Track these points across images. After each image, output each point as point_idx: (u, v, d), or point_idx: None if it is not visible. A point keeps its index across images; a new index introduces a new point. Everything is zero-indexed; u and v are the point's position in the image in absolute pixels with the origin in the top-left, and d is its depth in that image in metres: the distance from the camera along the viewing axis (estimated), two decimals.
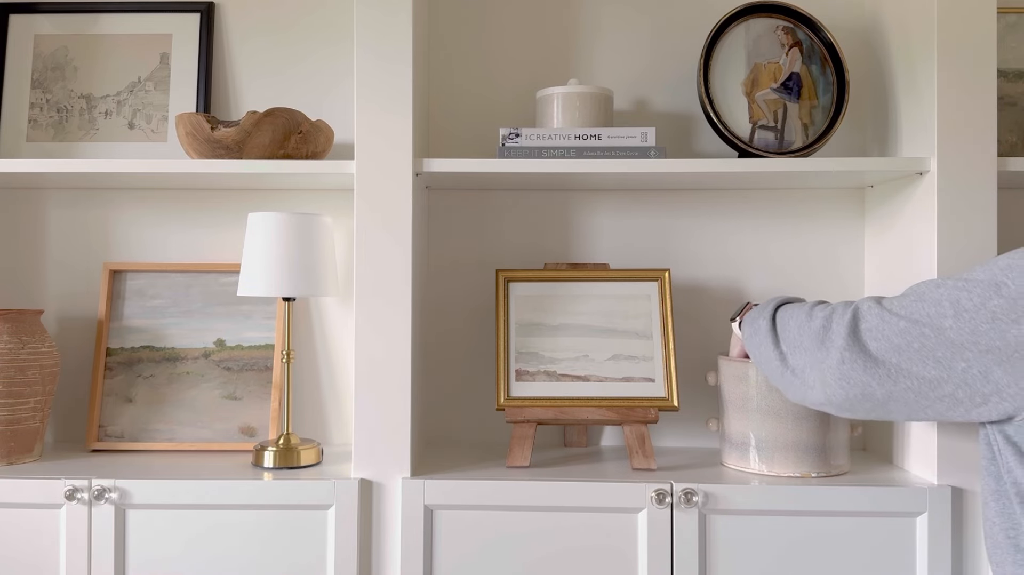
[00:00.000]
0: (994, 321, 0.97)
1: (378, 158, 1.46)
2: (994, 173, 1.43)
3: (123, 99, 1.76)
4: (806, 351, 1.15)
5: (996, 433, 1.04)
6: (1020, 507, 1.01)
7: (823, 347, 1.12)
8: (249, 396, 1.69)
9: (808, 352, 1.15)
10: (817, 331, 1.14)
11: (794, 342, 1.19)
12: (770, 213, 1.75)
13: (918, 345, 1.02)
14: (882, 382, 1.06)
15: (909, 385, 1.05)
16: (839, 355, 1.09)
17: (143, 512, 1.42)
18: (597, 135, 1.52)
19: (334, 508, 1.42)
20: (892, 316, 1.06)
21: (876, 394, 1.08)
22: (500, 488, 1.41)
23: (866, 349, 1.07)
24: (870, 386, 1.07)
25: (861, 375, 1.08)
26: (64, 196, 1.78)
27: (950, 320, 1.00)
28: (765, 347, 1.26)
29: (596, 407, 1.53)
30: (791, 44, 1.60)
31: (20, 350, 1.53)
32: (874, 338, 1.07)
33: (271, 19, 1.78)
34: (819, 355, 1.13)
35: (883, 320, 1.06)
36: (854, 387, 1.09)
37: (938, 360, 1.02)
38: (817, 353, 1.13)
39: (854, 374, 1.08)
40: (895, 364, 1.05)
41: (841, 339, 1.09)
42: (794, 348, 1.19)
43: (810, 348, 1.15)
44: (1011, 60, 1.64)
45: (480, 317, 1.76)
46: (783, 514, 1.39)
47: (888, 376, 1.06)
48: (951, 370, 1.01)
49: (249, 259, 1.54)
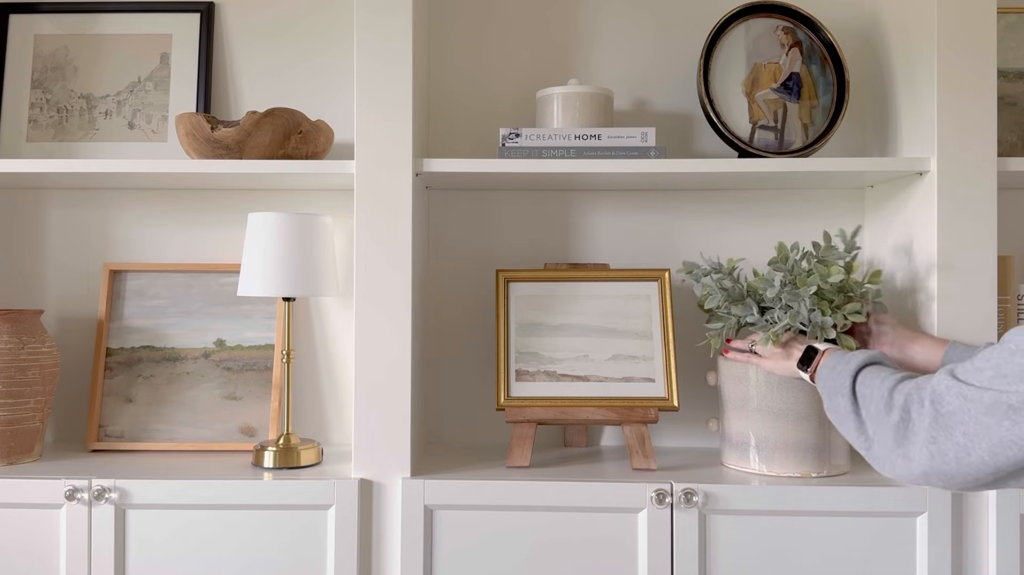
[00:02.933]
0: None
1: (378, 158, 1.46)
2: (994, 173, 1.43)
3: (123, 99, 1.76)
4: (890, 448, 1.07)
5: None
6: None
7: (907, 442, 1.04)
8: (249, 396, 1.69)
9: (892, 449, 1.06)
10: (898, 426, 1.06)
11: (877, 432, 1.10)
12: (770, 213, 1.75)
13: (1008, 422, 0.94)
14: (980, 455, 0.97)
15: (1014, 439, 0.96)
16: (927, 452, 1.01)
17: (143, 512, 1.42)
18: (597, 135, 1.52)
19: (334, 508, 1.42)
20: (976, 390, 0.97)
21: (973, 461, 0.99)
22: (500, 488, 1.41)
23: (953, 436, 0.99)
24: (967, 462, 0.99)
25: (954, 465, 1.00)
26: (64, 196, 1.78)
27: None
28: (848, 429, 1.17)
29: (596, 407, 1.53)
30: (791, 44, 1.60)
31: (20, 350, 1.53)
32: (961, 422, 0.98)
33: (271, 19, 1.78)
34: (904, 452, 1.05)
35: (966, 398, 0.98)
36: (952, 474, 1.01)
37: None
38: (901, 449, 1.05)
39: (946, 466, 1.00)
40: (990, 440, 0.96)
41: (925, 432, 1.01)
42: (879, 440, 1.10)
43: (893, 444, 1.06)
44: (1011, 60, 1.64)
45: (480, 317, 1.76)
46: (783, 514, 1.39)
47: (988, 451, 0.97)
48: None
49: (249, 259, 1.54)
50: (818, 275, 1.41)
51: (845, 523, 1.39)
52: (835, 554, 1.39)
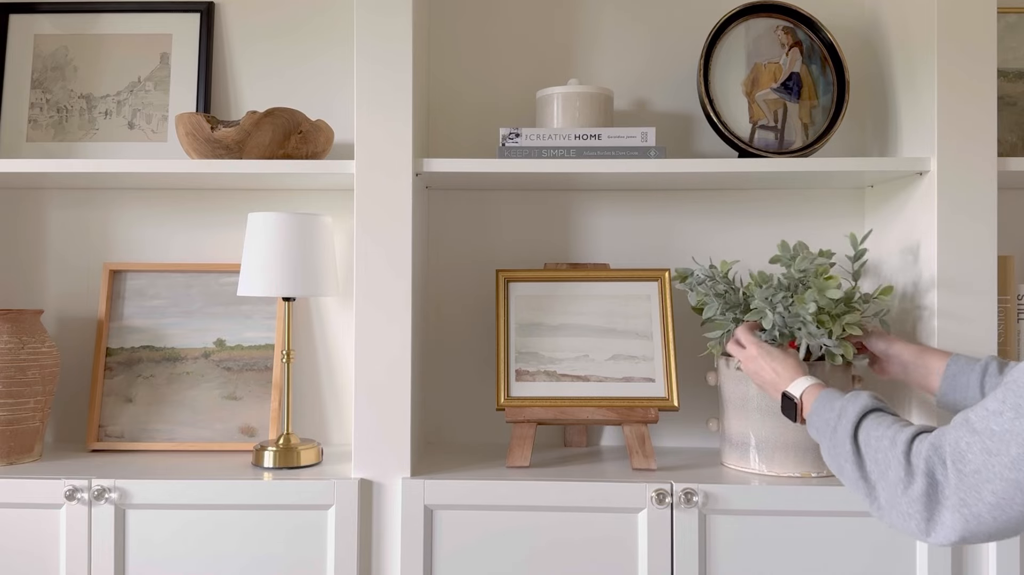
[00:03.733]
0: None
1: (378, 158, 1.46)
2: (994, 173, 1.43)
3: (123, 99, 1.76)
4: (917, 522, 0.99)
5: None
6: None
7: (935, 510, 0.96)
8: (249, 396, 1.69)
9: (919, 522, 0.98)
10: (925, 495, 0.97)
11: (893, 503, 1.02)
12: (770, 213, 1.75)
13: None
14: (1019, 510, 0.91)
15: None
16: (960, 517, 0.94)
17: (143, 512, 1.42)
18: (597, 135, 1.52)
19: (334, 508, 1.42)
20: (999, 442, 0.91)
21: (1015, 514, 0.92)
22: (500, 488, 1.41)
23: (983, 498, 0.92)
24: (1004, 519, 0.93)
25: (989, 523, 0.93)
26: (64, 196, 1.78)
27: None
28: (854, 489, 1.10)
29: (596, 407, 1.53)
30: (791, 44, 1.60)
31: (20, 350, 1.53)
32: (988, 480, 0.91)
33: (271, 19, 1.78)
34: (930, 519, 0.97)
35: (990, 452, 0.91)
36: (988, 529, 0.94)
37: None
38: (928, 520, 0.97)
39: (981, 527, 0.94)
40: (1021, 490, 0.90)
41: (955, 498, 0.94)
42: (894, 510, 1.02)
43: (920, 518, 0.98)
44: (1011, 60, 1.64)
45: (480, 317, 1.76)
46: (783, 514, 1.39)
47: (1021, 512, 0.91)
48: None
49: (249, 259, 1.54)
50: (816, 290, 1.37)
51: (845, 523, 1.39)
52: (835, 554, 1.39)
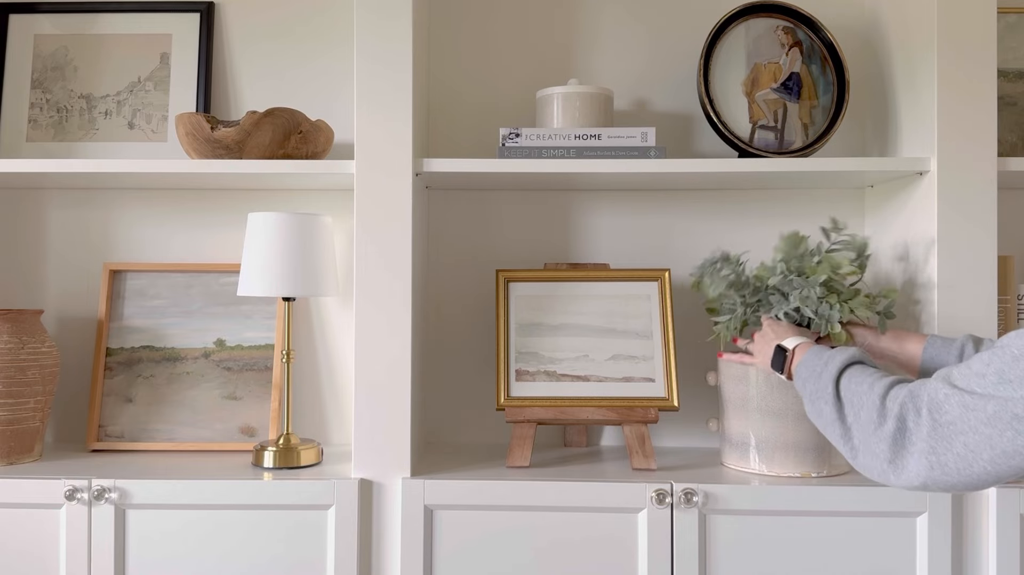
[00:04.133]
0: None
1: (378, 158, 1.46)
2: (994, 173, 1.43)
3: (123, 99, 1.76)
4: (883, 459, 1.02)
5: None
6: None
7: (903, 452, 1.00)
8: (249, 396, 1.69)
9: (886, 460, 1.02)
10: (893, 437, 1.01)
11: (866, 442, 1.05)
12: (770, 213, 1.75)
13: (1011, 431, 0.91)
14: (982, 464, 0.94)
15: (1014, 464, 0.93)
16: (925, 462, 0.97)
17: (143, 512, 1.42)
18: (597, 135, 1.52)
19: (334, 508, 1.42)
20: (979, 398, 0.93)
21: (976, 471, 0.96)
22: (500, 488, 1.41)
23: (954, 447, 0.95)
24: (969, 470, 0.95)
25: (954, 468, 0.96)
26: (64, 196, 1.78)
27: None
28: (832, 433, 1.13)
29: (596, 407, 1.53)
30: (791, 44, 1.60)
31: (20, 350, 1.53)
32: (961, 431, 0.94)
33: (271, 19, 1.78)
34: (899, 463, 1.01)
35: (967, 407, 0.94)
36: (951, 479, 0.97)
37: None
38: (896, 461, 1.01)
39: (946, 476, 0.96)
40: (991, 451, 0.93)
41: (924, 443, 0.97)
42: (867, 451, 1.05)
43: (887, 457, 1.02)
44: (1011, 60, 1.64)
45: (480, 317, 1.76)
46: (783, 514, 1.39)
47: (990, 461, 0.93)
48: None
49: (249, 259, 1.54)
50: (828, 265, 1.40)
51: (845, 523, 1.39)
52: (835, 554, 1.39)
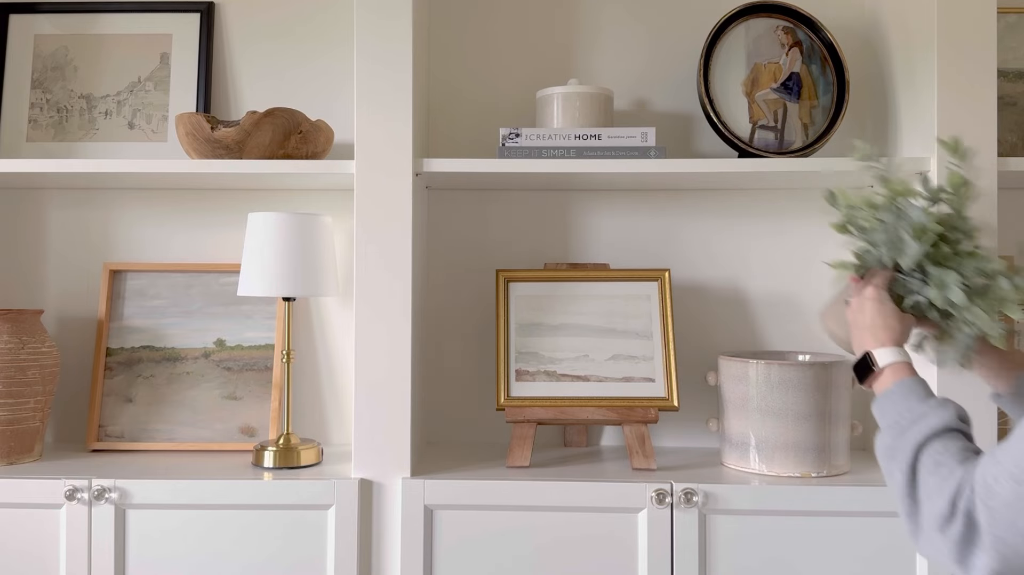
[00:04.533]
0: None
1: (378, 158, 1.46)
2: (994, 173, 1.43)
3: (123, 99, 1.76)
4: (951, 559, 0.95)
5: None
6: None
7: (970, 552, 0.93)
8: (249, 396, 1.69)
9: (953, 560, 0.95)
10: (962, 538, 0.93)
11: (929, 538, 0.98)
12: (770, 213, 1.75)
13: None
14: None
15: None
16: (996, 554, 0.90)
17: (143, 512, 1.42)
18: (597, 135, 1.52)
19: (334, 508, 1.42)
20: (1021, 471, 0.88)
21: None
22: (500, 488, 1.41)
23: (1018, 528, 0.89)
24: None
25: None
26: (64, 196, 1.78)
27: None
28: (898, 496, 1.04)
29: (596, 407, 1.53)
30: (791, 44, 1.60)
31: (20, 350, 1.53)
32: (1020, 511, 0.88)
33: (271, 19, 1.78)
34: (965, 562, 0.93)
35: (1017, 483, 0.88)
36: (1020, 560, 0.90)
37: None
38: (963, 561, 0.94)
39: (1018, 562, 0.90)
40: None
41: (990, 537, 0.91)
42: (930, 544, 0.98)
43: (955, 558, 0.95)
44: (1011, 60, 1.64)
45: (480, 317, 1.76)
46: (783, 514, 1.39)
47: None
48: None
49: (249, 259, 1.54)
50: (959, 274, 1.13)
51: (845, 523, 1.39)
52: (835, 554, 1.39)
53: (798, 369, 1.45)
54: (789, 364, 1.46)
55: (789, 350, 1.69)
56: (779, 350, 1.70)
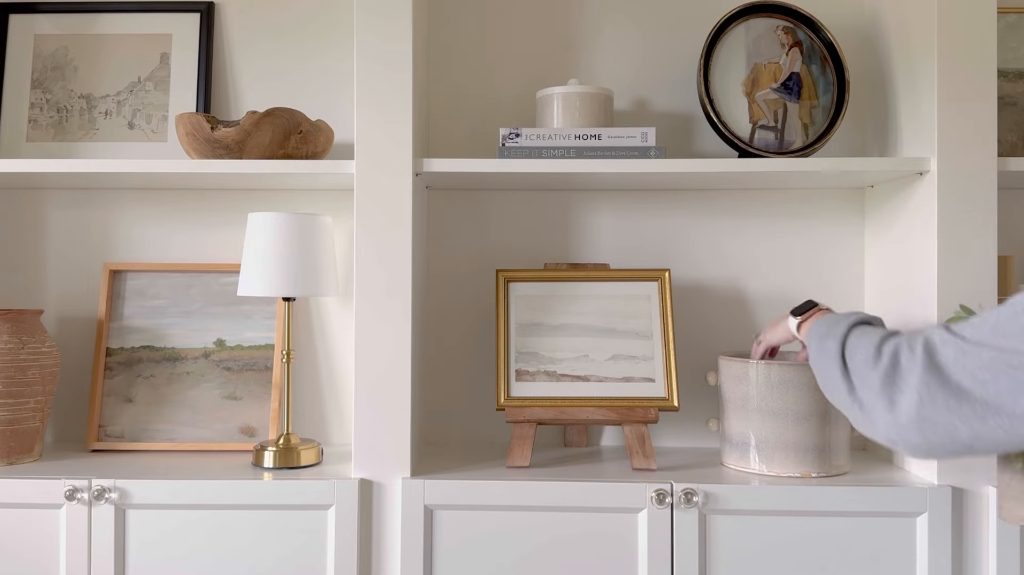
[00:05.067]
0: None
1: (378, 158, 1.46)
2: (994, 173, 1.43)
3: (123, 99, 1.76)
4: (876, 393, 1.01)
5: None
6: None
7: (895, 388, 0.97)
8: (249, 396, 1.69)
9: (878, 394, 1.00)
10: (886, 371, 0.99)
11: (863, 378, 1.04)
12: (770, 213, 1.75)
13: (1006, 378, 0.89)
14: (968, 421, 0.91)
15: (1000, 423, 0.90)
16: (916, 396, 0.95)
17: (143, 512, 1.42)
18: (597, 135, 1.52)
19: (334, 508, 1.42)
20: (974, 346, 0.91)
21: (961, 435, 0.93)
22: (500, 488, 1.41)
23: (947, 385, 0.92)
24: (954, 426, 0.92)
25: (944, 415, 0.93)
26: (64, 196, 1.78)
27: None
28: (832, 374, 1.11)
29: (596, 407, 1.53)
30: (791, 44, 1.60)
31: (20, 350, 1.53)
32: (955, 372, 0.92)
33: (271, 19, 1.78)
34: (890, 397, 0.99)
35: (963, 352, 0.92)
36: (936, 430, 0.94)
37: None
38: (887, 394, 0.99)
39: (936, 415, 0.93)
40: (982, 399, 0.90)
41: (916, 378, 0.95)
42: (864, 385, 1.04)
43: (880, 390, 1.00)
44: (1011, 60, 1.64)
45: (480, 317, 1.76)
46: (783, 514, 1.39)
47: (975, 414, 0.91)
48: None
49: (249, 259, 1.54)
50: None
51: (845, 523, 1.39)
52: (835, 554, 1.39)
53: (798, 369, 1.45)
54: (789, 364, 1.46)
55: (789, 350, 1.69)
56: (779, 350, 1.70)
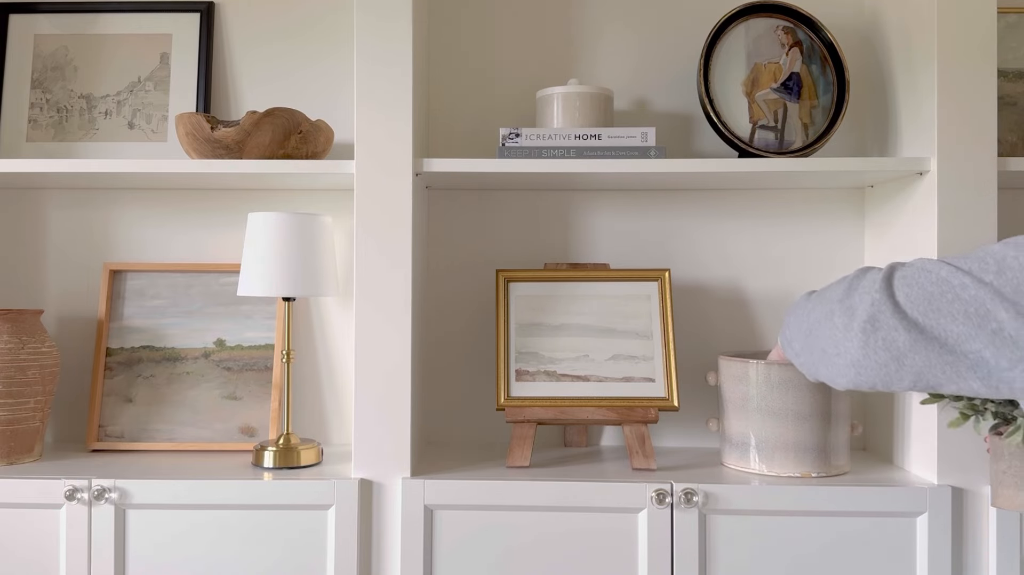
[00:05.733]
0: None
1: (378, 158, 1.46)
2: (994, 173, 1.43)
3: (123, 99, 1.76)
4: (838, 301, 1.10)
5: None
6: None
7: (855, 293, 1.07)
8: (249, 396, 1.69)
9: (839, 301, 1.09)
10: (850, 281, 1.09)
11: (825, 294, 1.15)
12: (770, 213, 1.75)
13: (951, 296, 0.97)
14: (909, 329, 1.00)
15: (934, 336, 0.99)
16: (870, 298, 1.04)
17: (143, 512, 1.42)
18: (597, 135, 1.52)
19: (334, 508, 1.42)
20: (931, 264, 1.01)
21: (899, 342, 1.01)
22: (500, 488, 1.41)
23: (896, 296, 1.02)
24: (896, 331, 1.01)
25: (889, 318, 1.02)
26: (64, 196, 1.78)
27: (992, 275, 0.95)
28: (799, 314, 1.21)
29: (596, 407, 1.53)
30: (791, 44, 1.60)
31: (20, 350, 1.53)
32: (907, 284, 1.01)
33: (271, 19, 1.78)
34: (849, 301, 1.07)
35: (920, 270, 1.01)
36: (879, 330, 1.03)
37: (969, 315, 0.95)
38: (847, 299, 1.08)
39: (882, 316, 1.02)
40: (923, 313, 0.99)
41: (875, 284, 1.04)
42: (824, 299, 1.14)
43: (841, 296, 1.09)
44: (1011, 60, 1.64)
45: (480, 317, 1.76)
46: (783, 514, 1.39)
47: (915, 326, 1.00)
48: (982, 327, 0.95)
49: (249, 259, 1.54)
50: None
51: (845, 523, 1.39)
52: (835, 554, 1.39)
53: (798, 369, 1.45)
54: (789, 364, 1.46)
55: None
56: None
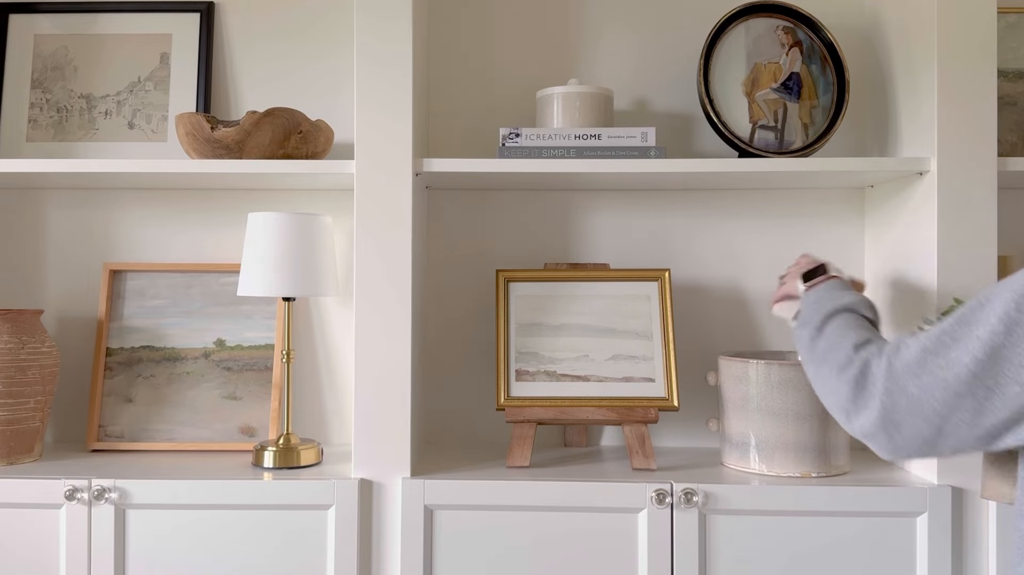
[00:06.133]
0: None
1: (378, 158, 1.46)
2: (994, 173, 1.43)
3: (123, 99, 1.76)
4: (845, 398, 1.04)
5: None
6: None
7: (864, 396, 1.02)
8: (249, 396, 1.69)
9: (848, 400, 1.04)
10: (854, 379, 1.03)
11: (831, 379, 1.08)
12: (770, 213, 1.75)
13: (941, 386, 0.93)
14: (930, 420, 0.95)
15: (962, 417, 0.93)
16: (879, 403, 0.99)
17: (143, 512, 1.42)
18: (597, 135, 1.52)
19: (334, 508, 1.42)
20: (932, 340, 0.95)
21: (925, 434, 0.97)
22: (500, 488, 1.41)
23: (907, 391, 0.96)
24: (918, 427, 0.96)
25: (906, 417, 0.97)
26: (64, 196, 1.78)
27: (1001, 337, 0.90)
28: (803, 352, 1.19)
29: (596, 407, 1.53)
30: (791, 44, 1.60)
31: (20, 350, 1.53)
32: (916, 374, 0.95)
33: (271, 19, 1.78)
34: (861, 402, 1.02)
35: (924, 350, 0.95)
36: (903, 433, 0.98)
37: (989, 388, 0.90)
38: (858, 401, 1.02)
39: (897, 416, 0.97)
40: (943, 399, 0.93)
41: (880, 385, 0.99)
42: (829, 386, 1.09)
43: (848, 395, 1.04)
44: (1011, 60, 1.64)
45: (480, 317, 1.76)
46: (783, 514, 1.39)
47: (936, 413, 0.94)
48: (1005, 395, 0.90)
49: (249, 259, 1.54)
50: None
51: (845, 523, 1.39)
52: (835, 554, 1.39)
53: (798, 369, 1.45)
54: (789, 364, 1.46)
55: (789, 350, 1.68)
56: (779, 350, 1.70)
